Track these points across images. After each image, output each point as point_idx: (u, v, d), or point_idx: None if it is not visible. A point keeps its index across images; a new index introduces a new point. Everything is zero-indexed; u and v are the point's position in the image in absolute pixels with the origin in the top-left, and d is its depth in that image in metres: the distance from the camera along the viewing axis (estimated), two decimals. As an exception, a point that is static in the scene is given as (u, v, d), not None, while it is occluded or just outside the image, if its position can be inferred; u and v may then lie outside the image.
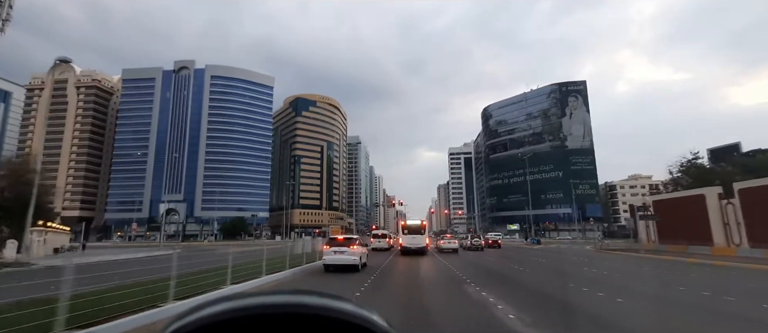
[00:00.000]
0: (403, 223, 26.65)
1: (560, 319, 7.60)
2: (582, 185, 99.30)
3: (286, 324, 0.53)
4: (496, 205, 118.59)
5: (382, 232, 33.61)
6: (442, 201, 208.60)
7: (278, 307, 0.54)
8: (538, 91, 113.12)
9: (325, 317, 0.54)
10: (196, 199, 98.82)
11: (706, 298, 9.87)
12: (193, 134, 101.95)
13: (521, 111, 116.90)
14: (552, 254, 27.67)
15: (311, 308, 0.54)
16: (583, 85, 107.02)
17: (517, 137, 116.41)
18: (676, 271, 16.99)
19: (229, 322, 0.53)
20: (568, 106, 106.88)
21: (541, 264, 20.37)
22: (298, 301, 0.55)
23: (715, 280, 14.45)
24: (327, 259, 15.96)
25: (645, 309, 8.52)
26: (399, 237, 27.46)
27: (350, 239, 16.80)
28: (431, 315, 7.98)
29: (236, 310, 0.53)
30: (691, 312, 8.22)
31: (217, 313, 0.53)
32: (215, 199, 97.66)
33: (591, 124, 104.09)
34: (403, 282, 13.70)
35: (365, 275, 14.81)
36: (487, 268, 18.24)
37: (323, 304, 0.55)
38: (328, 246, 16.28)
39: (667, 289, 11.63)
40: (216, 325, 0.52)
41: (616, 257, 24.86)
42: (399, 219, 26.36)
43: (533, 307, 8.65)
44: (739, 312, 8.16)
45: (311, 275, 15.91)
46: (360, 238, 20.89)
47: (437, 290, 11.60)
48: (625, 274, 16.10)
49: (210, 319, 0.53)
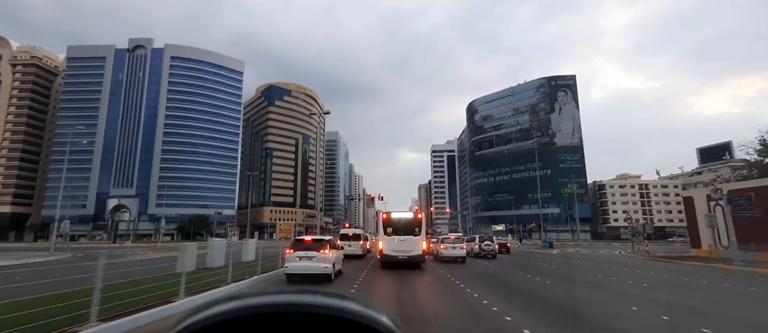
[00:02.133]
0: (384, 215, 16.76)
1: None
2: (571, 184, 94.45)
3: (293, 323, 0.53)
4: (481, 204, 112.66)
5: (354, 232, 24.01)
6: (423, 201, 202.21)
7: (285, 307, 0.54)
8: (527, 85, 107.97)
9: (332, 317, 0.54)
10: (150, 194, 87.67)
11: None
12: (149, 121, 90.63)
13: (508, 106, 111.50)
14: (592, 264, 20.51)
15: (318, 308, 0.54)
16: (572, 79, 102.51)
17: (503, 133, 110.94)
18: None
19: (236, 320, 0.53)
20: (557, 101, 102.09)
21: (613, 287, 12.95)
22: (305, 301, 0.55)
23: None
24: (290, 266, 12.15)
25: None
26: (378, 238, 18.44)
27: (320, 241, 12.71)
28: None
29: (243, 309, 0.54)
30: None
31: (224, 312, 0.53)
32: (173, 194, 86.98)
33: (581, 120, 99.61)
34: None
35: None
36: (536, 294, 10.60)
37: (330, 304, 0.55)
38: (291, 250, 12.42)
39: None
40: (224, 324, 0.53)
41: (691, 271, 17.11)
42: (380, 215, 17.92)
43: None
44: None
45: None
46: (334, 239, 16.12)
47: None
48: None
49: (217, 318, 0.53)
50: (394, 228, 16.25)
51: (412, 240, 15.91)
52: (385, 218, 16.74)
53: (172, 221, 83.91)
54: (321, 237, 13.07)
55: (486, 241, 22.40)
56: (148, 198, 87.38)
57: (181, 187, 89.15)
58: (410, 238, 15.94)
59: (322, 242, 12.42)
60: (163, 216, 69.95)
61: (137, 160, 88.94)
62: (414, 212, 16.98)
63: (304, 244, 12.32)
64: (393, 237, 16.08)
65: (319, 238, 12.92)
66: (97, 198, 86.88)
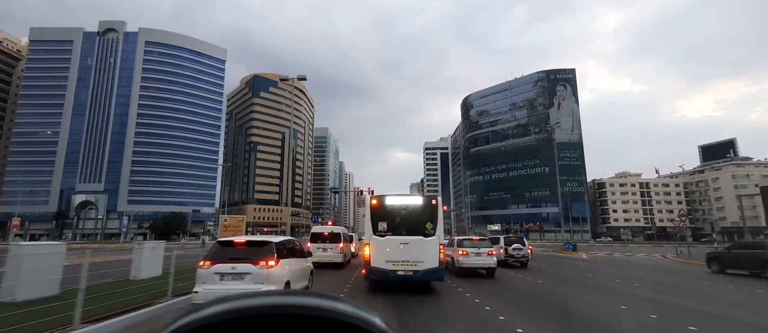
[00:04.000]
0: (374, 200, 9.94)
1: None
2: (570, 182, 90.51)
3: (286, 324, 0.52)
4: (475, 203, 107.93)
5: (331, 230, 16.44)
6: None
7: (278, 308, 0.52)
8: (524, 78, 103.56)
9: (325, 318, 0.53)
10: (120, 189, 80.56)
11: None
12: (121, 111, 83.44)
13: (505, 100, 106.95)
14: (649, 273, 15.46)
15: (311, 309, 0.53)
16: (572, 73, 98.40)
17: (500, 129, 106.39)
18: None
19: (228, 322, 0.52)
20: (556, 96, 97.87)
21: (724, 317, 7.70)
22: (297, 303, 0.54)
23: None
24: (202, 292, 6.52)
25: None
26: (363, 241, 12.83)
27: (261, 246, 7.04)
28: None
29: (235, 310, 0.53)
30: None
31: (216, 313, 0.52)
32: (146, 190, 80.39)
33: (580, 116, 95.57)
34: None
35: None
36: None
37: (323, 305, 0.54)
38: (208, 262, 6.71)
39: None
40: (215, 326, 0.51)
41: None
42: (368, 200, 10.07)
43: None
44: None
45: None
46: (298, 243, 9.03)
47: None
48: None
49: (209, 320, 0.52)
50: (391, 222, 9.57)
51: (421, 243, 9.30)
52: (375, 205, 9.74)
53: (146, 219, 77.19)
54: (263, 239, 7.35)
55: (515, 243, 16.16)
56: (119, 194, 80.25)
57: (155, 182, 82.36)
58: (418, 241, 9.31)
59: (262, 248, 7.02)
60: (127, 213, 63.39)
61: (107, 153, 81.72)
62: (425, 198, 9.95)
63: (230, 252, 6.96)
64: (389, 238, 9.37)
65: (259, 240, 7.31)
66: (62, 194, 79.42)
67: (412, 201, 10.17)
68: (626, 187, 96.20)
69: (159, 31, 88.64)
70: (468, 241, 13.81)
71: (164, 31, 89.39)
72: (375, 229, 9.57)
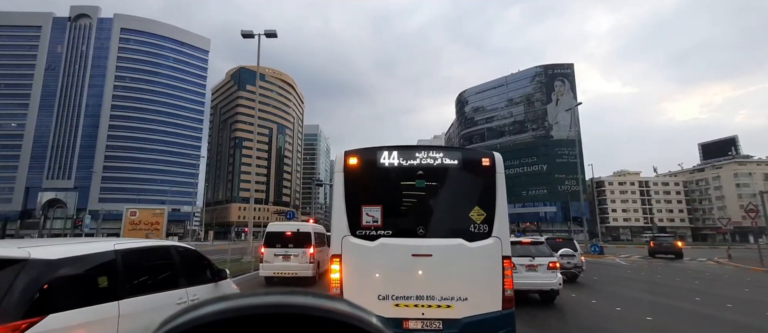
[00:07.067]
0: (352, 158, 4.47)
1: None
2: (568, 180, 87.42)
3: (281, 324, 0.51)
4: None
5: (296, 228, 10.96)
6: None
7: (273, 308, 0.52)
8: (522, 73, 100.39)
9: (321, 318, 0.52)
10: (92, 187, 74.83)
11: None
12: (93, 102, 77.72)
13: (501, 96, 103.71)
14: (733, 287, 11.40)
15: (307, 309, 0.52)
16: (570, 68, 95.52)
17: (496, 126, 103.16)
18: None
19: (224, 322, 0.51)
20: (554, 92, 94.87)
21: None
22: (293, 302, 0.53)
23: None
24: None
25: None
26: (328, 249, 5.66)
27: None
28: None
29: (231, 310, 0.52)
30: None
31: (212, 313, 0.51)
32: (121, 187, 74.86)
33: (579, 112, 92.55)
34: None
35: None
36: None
37: (319, 305, 0.53)
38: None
39: None
40: (211, 326, 0.50)
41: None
42: (337, 161, 4.65)
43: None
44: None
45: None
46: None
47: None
48: None
49: (205, 320, 0.51)
50: (390, 205, 4.44)
51: (459, 255, 4.18)
52: (354, 168, 4.52)
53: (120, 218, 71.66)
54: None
55: (563, 249, 11.58)
56: (90, 192, 74.51)
57: (131, 179, 76.87)
58: (453, 248, 4.19)
59: None
60: (88, 212, 58.02)
61: (77, 147, 75.95)
62: (465, 153, 4.78)
63: None
64: (385, 242, 4.27)
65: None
66: (27, 191, 73.44)
67: (436, 159, 4.56)
68: (625, 186, 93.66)
69: (136, 18, 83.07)
70: (517, 245, 8.42)
71: (141, 17, 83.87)
72: (354, 222, 4.39)
